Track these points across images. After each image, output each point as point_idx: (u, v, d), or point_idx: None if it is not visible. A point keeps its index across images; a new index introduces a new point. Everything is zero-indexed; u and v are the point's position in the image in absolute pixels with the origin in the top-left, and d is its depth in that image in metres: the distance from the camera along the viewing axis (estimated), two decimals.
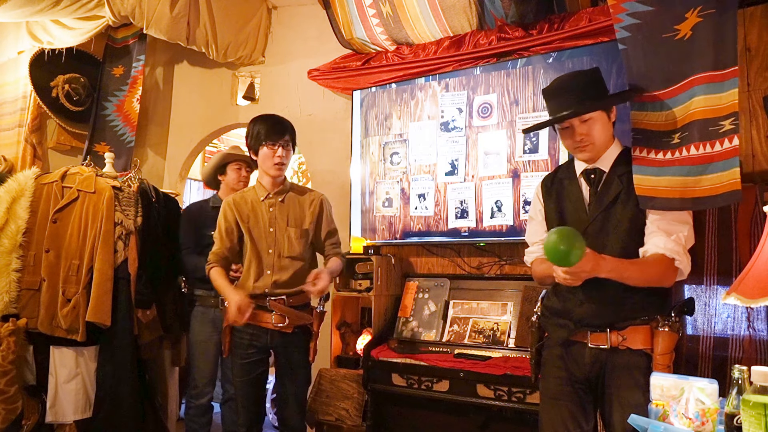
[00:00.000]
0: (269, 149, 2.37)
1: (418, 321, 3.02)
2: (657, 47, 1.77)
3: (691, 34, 1.69)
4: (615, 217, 1.73)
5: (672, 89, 1.75)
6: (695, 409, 1.36)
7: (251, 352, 2.37)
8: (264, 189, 2.44)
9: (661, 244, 1.62)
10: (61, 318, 2.63)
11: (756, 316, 2.17)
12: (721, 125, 1.62)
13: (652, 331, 1.66)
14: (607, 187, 1.75)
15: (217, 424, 3.42)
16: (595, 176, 1.78)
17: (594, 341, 1.69)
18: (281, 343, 2.38)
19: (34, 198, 2.75)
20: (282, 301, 2.34)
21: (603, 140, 1.75)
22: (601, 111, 1.73)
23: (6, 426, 2.52)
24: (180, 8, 3.64)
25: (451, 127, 3.15)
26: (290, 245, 2.38)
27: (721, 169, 1.62)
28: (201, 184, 5.99)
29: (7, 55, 4.57)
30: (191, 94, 4.38)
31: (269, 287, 2.34)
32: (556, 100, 1.77)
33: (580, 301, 1.72)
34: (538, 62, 2.92)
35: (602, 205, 1.74)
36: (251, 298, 2.29)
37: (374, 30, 3.38)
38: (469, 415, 2.63)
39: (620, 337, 1.67)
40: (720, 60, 1.63)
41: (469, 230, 3.06)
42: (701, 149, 1.66)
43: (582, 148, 1.75)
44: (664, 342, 1.63)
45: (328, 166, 3.76)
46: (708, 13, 1.66)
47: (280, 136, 2.38)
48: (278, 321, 2.32)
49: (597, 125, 1.73)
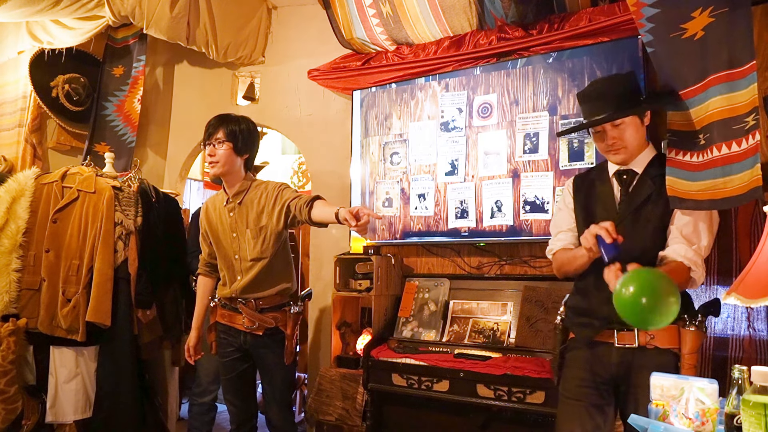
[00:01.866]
0: (205, 150, 2.39)
1: (418, 321, 3.02)
2: (667, 47, 1.77)
3: (704, 35, 1.68)
4: (644, 216, 1.75)
5: (690, 90, 1.74)
6: (695, 409, 1.36)
7: (230, 350, 2.44)
8: (224, 194, 2.43)
9: (681, 252, 1.64)
10: (61, 318, 2.63)
11: (756, 316, 2.17)
12: (745, 122, 1.60)
13: (679, 330, 1.67)
14: (639, 188, 1.78)
15: (218, 423, 3.42)
16: (628, 177, 1.81)
17: (621, 340, 1.70)
18: (253, 345, 2.41)
19: (34, 198, 2.75)
20: (251, 305, 2.36)
21: (635, 144, 1.78)
22: (633, 116, 1.76)
23: (6, 426, 2.52)
24: (180, 8, 3.64)
25: (451, 127, 3.15)
26: (250, 248, 2.35)
27: (748, 167, 1.60)
28: (201, 184, 6.01)
29: (7, 55, 4.57)
30: (191, 94, 4.38)
31: (237, 292, 2.36)
32: (591, 104, 1.80)
33: (607, 299, 1.69)
34: (538, 62, 2.92)
35: (633, 204, 1.77)
36: (227, 301, 2.40)
37: (374, 30, 3.38)
38: (469, 415, 2.63)
39: (648, 336, 1.68)
40: (736, 57, 1.62)
41: (469, 230, 3.06)
42: (724, 149, 1.64)
43: (615, 151, 1.78)
44: (691, 341, 1.64)
45: (328, 166, 3.76)
46: (720, 13, 1.64)
47: (210, 135, 2.37)
48: (248, 323, 2.36)
49: (629, 129, 1.76)
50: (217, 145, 2.33)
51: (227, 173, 2.36)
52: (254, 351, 2.42)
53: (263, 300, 2.36)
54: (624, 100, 1.75)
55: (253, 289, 2.35)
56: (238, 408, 2.47)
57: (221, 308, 2.46)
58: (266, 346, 2.40)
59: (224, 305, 2.44)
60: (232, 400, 2.47)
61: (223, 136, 2.33)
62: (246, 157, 2.41)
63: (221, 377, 2.50)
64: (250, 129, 2.42)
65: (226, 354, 2.45)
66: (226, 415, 3.51)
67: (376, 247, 3.24)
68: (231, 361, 2.45)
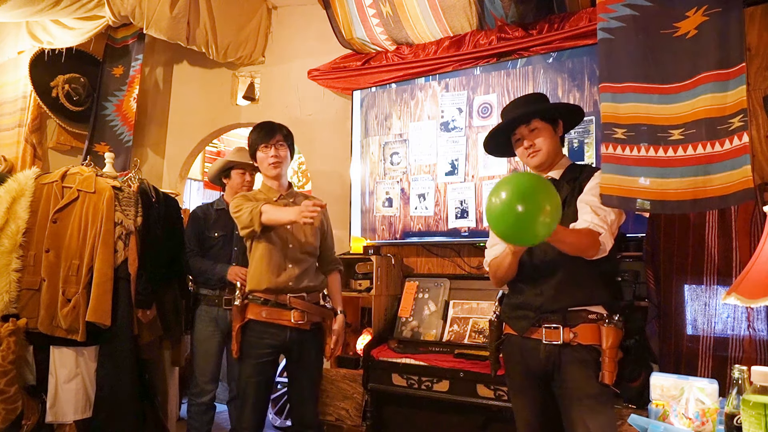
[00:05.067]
0: (263, 152, 2.46)
1: (418, 321, 3.02)
2: (655, 42, 1.78)
3: (696, 33, 1.70)
4: (564, 220, 1.85)
5: (675, 86, 1.75)
6: (695, 409, 1.36)
7: (267, 352, 2.36)
8: (274, 191, 2.48)
9: (588, 219, 1.76)
10: (61, 318, 2.63)
11: (756, 316, 2.17)
12: (729, 123, 1.63)
13: (600, 328, 1.79)
14: (558, 192, 1.87)
15: (218, 423, 3.42)
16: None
17: (548, 337, 1.83)
18: (298, 341, 2.39)
19: (34, 198, 2.74)
20: (302, 297, 2.39)
21: (549, 149, 1.93)
22: (546, 123, 1.93)
23: (6, 426, 2.52)
24: (180, 8, 3.64)
25: (451, 127, 3.15)
26: (307, 240, 2.44)
27: (731, 167, 1.62)
28: (201, 184, 6.00)
29: (7, 55, 4.58)
30: (191, 94, 4.38)
31: (293, 280, 2.37)
32: (507, 114, 1.99)
33: (540, 291, 1.85)
34: (538, 62, 2.92)
35: None
36: (270, 293, 2.35)
37: (374, 30, 3.38)
38: (469, 415, 2.63)
39: (572, 334, 1.80)
40: (726, 58, 1.64)
41: (469, 230, 3.06)
42: (708, 148, 1.67)
43: (532, 154, 1.94)
44: (610, 337, 1.77)
45: (328, 166, 3.76)
46: (714, 12, 1.66)
47: (271, 137, 2.45)
48: (298, 318, 2.35)
49: (542, 135, 1.92)
50: (279, 147, 2.47)
51: (284, 174, 2.52)
52: (297, 347, 2.39)
53: (310, 294, 2.43)
54: (534, 106, 1.96)
55: (305, 279, 2.40)
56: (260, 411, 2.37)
57: (259, 305, 2.37)
58: (310, 342, 2.42)
59: (265, 302, 2.36)
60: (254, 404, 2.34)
61: (283, 139, 2.49)
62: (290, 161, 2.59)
63: (249, 379, 2.36)
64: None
65: (261, 355, 2.35)
66: (225, 415, 3.53)
67: (376, 247, 3.24)
68: (264, 363, 2.37)
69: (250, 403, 2.36)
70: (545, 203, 1.46)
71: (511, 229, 1.51)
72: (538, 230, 1.48)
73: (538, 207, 1.46)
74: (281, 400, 3.80)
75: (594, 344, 1.80)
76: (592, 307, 1.82)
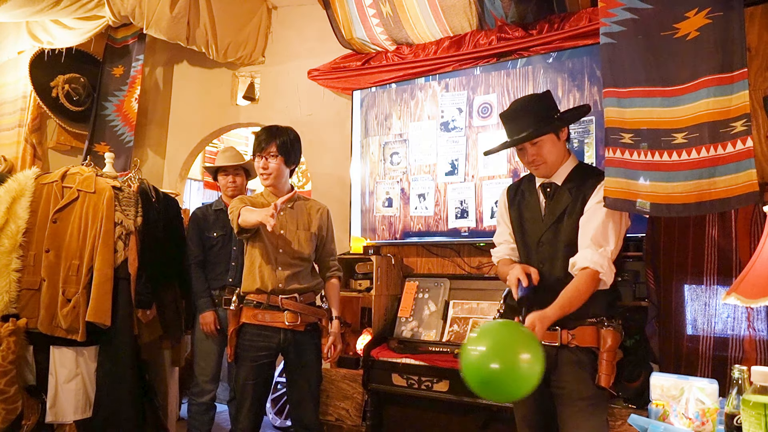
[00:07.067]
0: (257, 161, 2.44)
1: (418, 321, 3.02)
2: (656, 44, 1.79)
3: (698, 35, 1.70)
4: (564, 229, 1.88)
5: (678, 88, 1.76)
6: (695, 409, 1.36)
7: (263, 354, 2.37)
8: (273, 196, 2.45)
9: (588, 257, 1.75)
10: (61, 318, 2.63)
11: (756, 316, 2.17)
12: (732, 126, 1.63)
13: (598, 331, 1.80)
14: (559, 199, 1.91)
15: (218, 423, 3.42)
16: (551, 189, 1.94)
17: (546, 339, 1.81)
18: (293, 342, 2.39)
19: (34, 198, 2.75)
20: (294, 299, 2.38)
21: (553, 158, 1.90)
22: (550, 134, 1.89)
23: (6, 426, 2.52)
24: (180, 8, 3.64)
25: (451, 127, 3.15)
26: (300, 247, 2.43)
27: (734, 170, 1.63)
28: (201, 184, 6.01)
29: (7, 55, 4.58)
30: (191, 94, 4.38)
31: (283, 282, 2.36)
32: (511, 123, 1.94)
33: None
34: (538, 62, 2.92)
35: (554, 216, 1.91)
36: (260, 293, 2.35)
37: (374, 30, 3.38)
38: (469, 415, 2.63)
39: (570, 336, 1.80)
40: (729, 62, 1.65)
41: (469, 230, 3.06)
42: (712, 151, 1.67)
43: (536, 166, 1.93)
44: (609, 340, 1.77)
45: (328, 166, 3.76)
46: (716, 15, 1.66)
47: (262, 147, 2.40)
48: (291, 319, 2.35)
49: (546, 146, 1.89)
50: (270, 159, 2.40)
51: (277, 184, 2.45)
52: (293, 349, 2.39)
53: (303, 296, 2.42)
54: (540, 119, 1.88)
55: (298, 281, 2.40)
56: (257, 414, 2.40)
57: (253, 308, 2.38)
58: (305, 343, 2.41)
59: (258, 305, 2.37)
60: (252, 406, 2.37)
61: (276, 150, 2.40)
62: (293, 167, 2.52)
63: (246, 382, 2.37)
64: (297, 140, 2.51)
65: (257, 358, 2.36)
66: (225, 415, 3.53)
67: (376, 247, 3.24)
68: (261, 365, 2.38)
69: (246, 405, 2.37)
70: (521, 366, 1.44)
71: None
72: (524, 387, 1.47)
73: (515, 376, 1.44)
74: (281, 400, 3.80)
75: (592, 346, 1.80)
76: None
